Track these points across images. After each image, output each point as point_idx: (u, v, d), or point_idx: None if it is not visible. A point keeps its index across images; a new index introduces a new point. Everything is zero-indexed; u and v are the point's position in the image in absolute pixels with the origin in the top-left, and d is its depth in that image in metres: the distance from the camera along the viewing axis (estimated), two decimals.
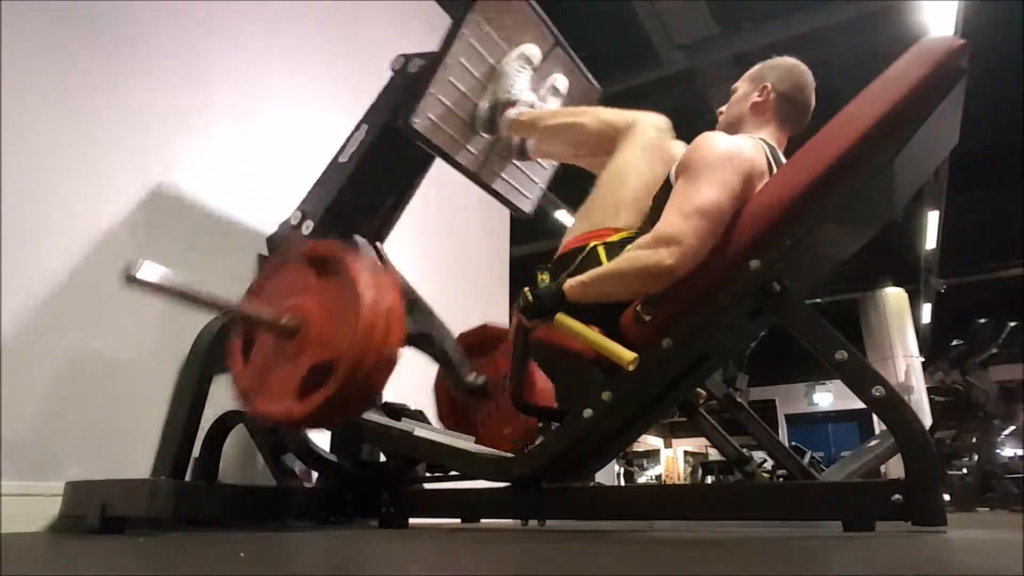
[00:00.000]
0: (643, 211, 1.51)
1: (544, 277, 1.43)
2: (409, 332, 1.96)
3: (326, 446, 1.98)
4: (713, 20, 4.93)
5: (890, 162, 1.22)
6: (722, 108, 1.66)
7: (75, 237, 1.76)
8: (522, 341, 1.51)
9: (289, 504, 1.77)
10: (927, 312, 10.66)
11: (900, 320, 10.52)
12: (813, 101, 1.58)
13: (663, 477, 15.14)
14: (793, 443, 6.60)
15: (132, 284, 1.17)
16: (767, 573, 0.77)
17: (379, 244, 2.14)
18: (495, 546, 1.19)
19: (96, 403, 1.72)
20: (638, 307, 1.35)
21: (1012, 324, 5.68)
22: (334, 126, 2.06)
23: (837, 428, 14.73)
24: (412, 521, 1.77)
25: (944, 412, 6.12)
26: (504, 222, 3.94)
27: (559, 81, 2.04)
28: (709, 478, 10.32)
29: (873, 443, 3.23)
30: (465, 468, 1.64)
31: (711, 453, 13.04)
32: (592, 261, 1.47)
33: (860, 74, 1.33)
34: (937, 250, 8.48)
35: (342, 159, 1.96)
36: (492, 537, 1.42)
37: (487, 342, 2.18)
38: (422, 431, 1.70)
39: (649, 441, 15.84)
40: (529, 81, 1.94)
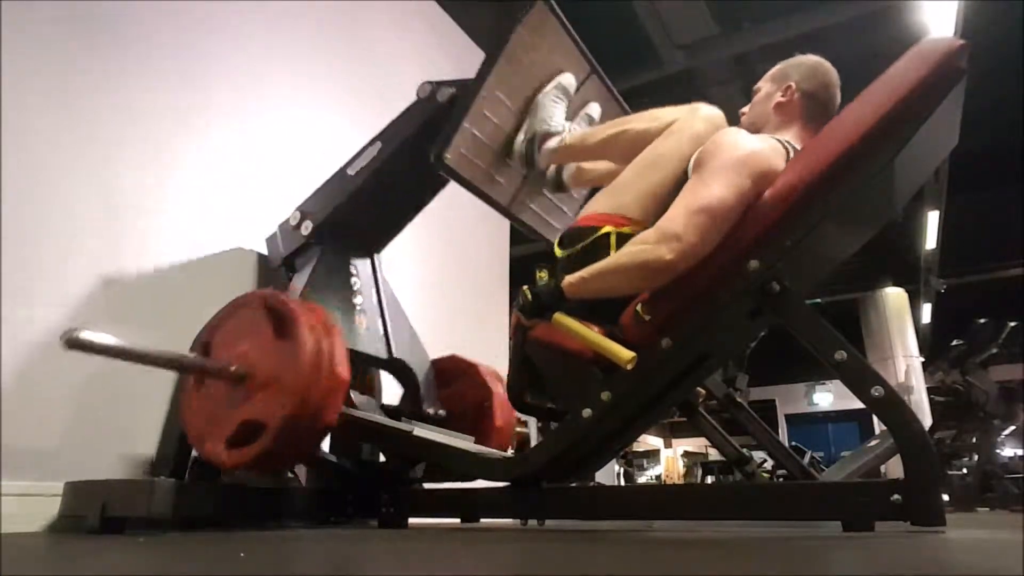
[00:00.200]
0: (665, 206, 1.42)
1: (543, 275, 1.42)
2: (384, 358, 1.99)
3: (326, 446, 1.98)
4: (713, 20, 4.93)
5: (890, 162, 1.22)
6: (744, 109, 1.63)
7: (75, 237, 1.76)
8: (521, 340, 1.51)
9: (289, 504, 1.77)
10: (927, 312, 10.67)
11: (900, 320, 10.52)
12: (839, 99, 1.53)
13: (663, 477, 15.14)
14: (793, 443, 6.61)
15: (73, 348, 1.21)
16: (767, 573, 0.77)
17: (376, 255, 2.13)
18: (495, 546, 1.19)
19: (96, 403, 1.72)
20: (638, 307, 1.35)
21: (1012, 324, 5.67)
22: (334, 127, 2.06)
23: (837, 428, 14.74)
24: (412, 521, 1.77)
25: (944, 412, 6.12)
26: (504, 222, 3.92)
27: (593, 109, 1.98)
28: (709, 478, 10.33)
29: (873, 443, 3.24)
30: (465, 468, 1.64)
31: (711, 453, 13.04)
32: (602, 245, 1.43)
33: (860, 74, 1.33)
34: (937, 250, 8.48)
35: (350, 171, 1.93)
36: (492, 537, 1.42)
37: (455, 371, 2.17)
38: (422, 431, 1.70)
39: (649, 441, 15.84)
40: (565, 111, 1.87)
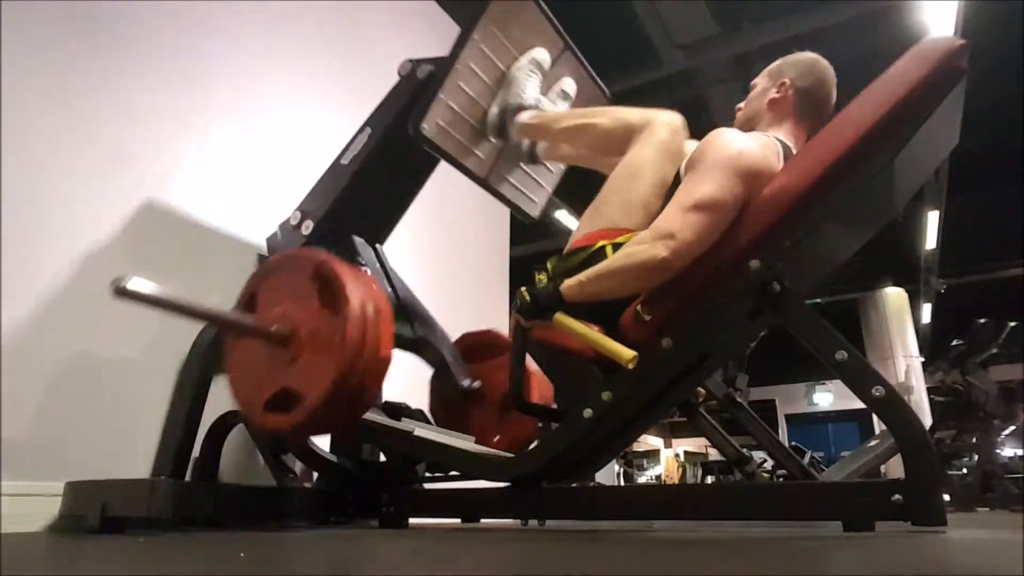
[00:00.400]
0: (652, 213, 1.46)
1: (542, 277, 1.42)
2: (407, 337, 1.96)
3: (326, 446, 1.98)
4: (713, 20, 4.93)
5: (890, 162, 1.22)
6: (740, 104, 1.64)
7: (75, 237, 1.76)
8: (520, 341, 1.51)
9: (289, 504, 1.77)
10: (927, 312, 10.67)
11: (900, 320, 10.52)
12: (834, 97, 1.54)
13: (663, 477, 15.14)
14: (793, 443, 6.60)
15: (122, 296, 1.19)
16: (767, 573, 0.77)
17: (379, 246, 2.14)
18: (495, 546, 1.19)
19: (96, 403, 1.72)
20: (638, 307, 1.35)
21: (1012, 324, 5.68)
22: (334, 126, 2.06)
23: (837, 428, 14.74)
24: (412, 521, 1.77)
25: (944, 412, 6.12)
26: (504, 222, 3.94)
27: (568, 85, 2.02)
28: (709, 478, 10.33)
29: (873, 443, 3.23)
30: (465, 468, 1.64)
31: (711, 453, 13.04)
32: (599, 260, 1.43)
33: (860, 74, 1.32)
34: (937, 250, 8.48)
35: (344, 161, 1.96)
36: (492, 537, 1.42)
37: (491, 347, 2.17)
38: (422, 431, 1.70)
39: (649, 441, 15.84)
40: (539, 85, 1.92)
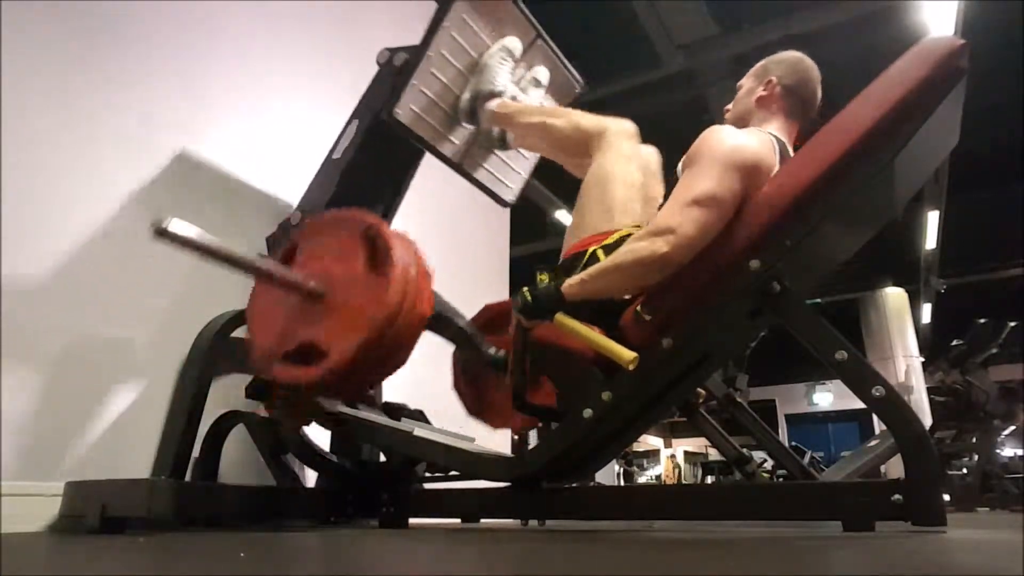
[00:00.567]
0: (632, 211, 1.54)
1: (543, 277, 1.43)
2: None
3: (326, 446, 1.98)
4: (713, 20, 4.94)
5: (890, 162, 1.22)
6: (728, 106, 1.67)
7: (75, 237, 1.76)
8: (521, 341, 1.51)
9: (289, 504, 1.77)
10: (927, 312, 10.67)
11: (900, 320, 10.52)
12: (819, 93, 1.59)
13: (663, 477, 15.14)
14: (793, 443, 6.61)
15: (161, 238, 1.19)
16: (767, 573, 0.77)
17: None
18: (495, 546, 1.19)
19: (96, 403, 1.72)
20: (638, 307, 1.35)
21: (1012, 324, 5.67)
22: (334, 127, 2.06)
23: (837, 428, 14.73)
24: (412, 521, 1.77)
25: (944, 412, 6.11)
26: (504, 221, 3.93)
27: (540, 73, 2.09)
28: (709, 478, 10.33)
29: (873, 443, 3.23)
30: (465, 468, 1.64)
31: (711, 453, 13.04)
32: (594, 262, 1.47)
33: (860, 74, 1.32)
34: (937, 250, 8.48)
35: (335, 155, 1.98)
36: (492, 537, 1.42)
37: (493, 321, 2.18)
38: (422, 431, 1.70)
39: (649, 441, 15.84)
40: (510, 73, 1.98)
